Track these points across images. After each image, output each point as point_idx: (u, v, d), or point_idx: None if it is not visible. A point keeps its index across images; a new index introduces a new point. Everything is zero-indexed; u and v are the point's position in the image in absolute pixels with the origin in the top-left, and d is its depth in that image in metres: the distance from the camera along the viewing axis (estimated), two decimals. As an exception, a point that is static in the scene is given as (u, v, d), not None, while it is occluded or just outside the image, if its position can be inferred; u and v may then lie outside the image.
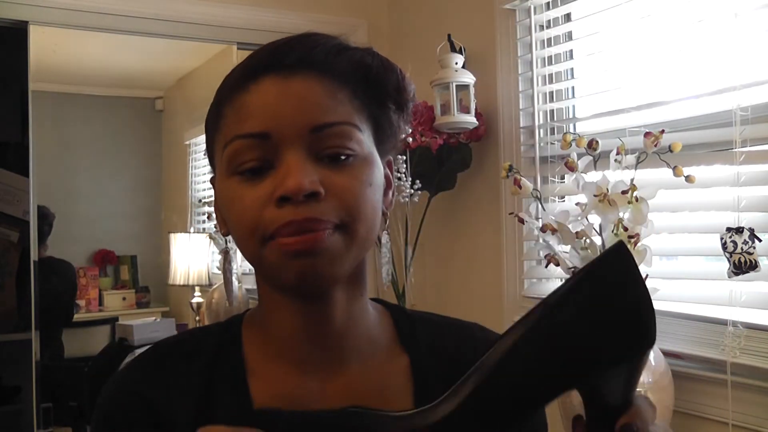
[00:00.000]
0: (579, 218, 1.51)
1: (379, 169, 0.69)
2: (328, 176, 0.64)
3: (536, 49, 2.00)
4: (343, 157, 0.65)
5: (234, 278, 2.57)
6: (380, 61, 0.70)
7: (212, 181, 0.74)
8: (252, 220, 0.64)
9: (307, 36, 0.68)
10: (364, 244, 0.67)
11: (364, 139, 0.67)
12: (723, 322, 1.48)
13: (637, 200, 1.42)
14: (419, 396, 0.72)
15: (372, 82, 0.69)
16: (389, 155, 0.74)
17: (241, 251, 0.69)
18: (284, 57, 0.66)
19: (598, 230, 1.49)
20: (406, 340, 0.76)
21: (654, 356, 1.46)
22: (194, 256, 2.86)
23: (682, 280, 1.63)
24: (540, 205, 1.66)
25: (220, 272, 2.73)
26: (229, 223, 0.68)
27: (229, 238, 0.71)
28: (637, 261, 1.46)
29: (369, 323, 0.74)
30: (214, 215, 0.76)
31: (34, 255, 2.39)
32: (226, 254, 2.12)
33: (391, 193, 0.75)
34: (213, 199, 0.74)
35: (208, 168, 0.75)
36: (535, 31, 2.00)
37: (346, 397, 0.70)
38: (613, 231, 1.45)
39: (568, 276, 1.57)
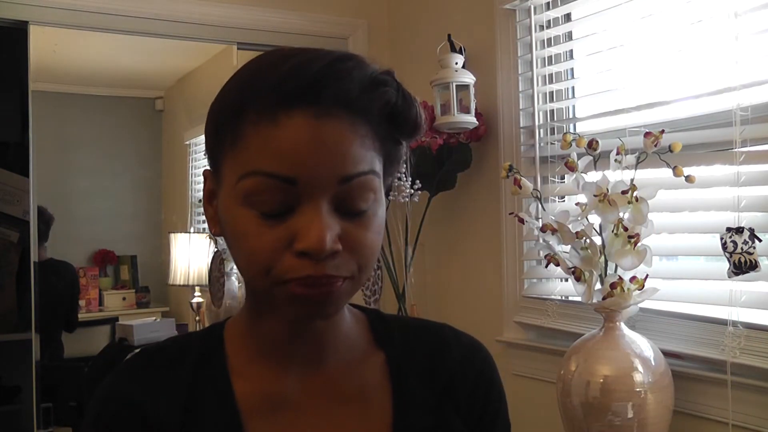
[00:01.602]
0: (579, 218, 1.51)
1: (384, 206, 0.71)
2: (347, 229, 0.66)
3: (536, 49, 2.00)
4: (363, 210, 0.67)
5: (234, 278, 2.58)
6: (403, 96, 0.69)
7: (206, 174, 0.73)
8: (266, 261, 0.65)
9: (341, 63, 0.65)
10: (362, 285, 0.71)
11: (380, 184, 0.69)
12: (723, 322, 1.48)
13: (637, 200, 1.42)
14: (397, 391, 0.76)
15: (394, 122, 0.69)
16: (388, 182, 0.75)
17: (244, 278, 0.71)
18: (319, 92, 0.63)
19: (598, 230, 1.49)
20: (381, 340, 0.80)
21: (654, 356, 1.46)
22: (194, 256, 2.86)
23: (682, 280, 1.63)
24: (540, 205, 1.66)
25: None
26: (235, 249, 0.68)
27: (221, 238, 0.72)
28: (637, 261, 1.47)
29: (346, 325, 0.78)
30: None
31: (34, 255, 2.39)
32: (220, 256, 2.12)
33: None
34: (202, 192, 0.74)
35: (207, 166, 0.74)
36: (535, 31, 2.00)
37: (325, 391, 0.74)
38: (613, 231, 1.45)
39: (567, 276, 1.57)
